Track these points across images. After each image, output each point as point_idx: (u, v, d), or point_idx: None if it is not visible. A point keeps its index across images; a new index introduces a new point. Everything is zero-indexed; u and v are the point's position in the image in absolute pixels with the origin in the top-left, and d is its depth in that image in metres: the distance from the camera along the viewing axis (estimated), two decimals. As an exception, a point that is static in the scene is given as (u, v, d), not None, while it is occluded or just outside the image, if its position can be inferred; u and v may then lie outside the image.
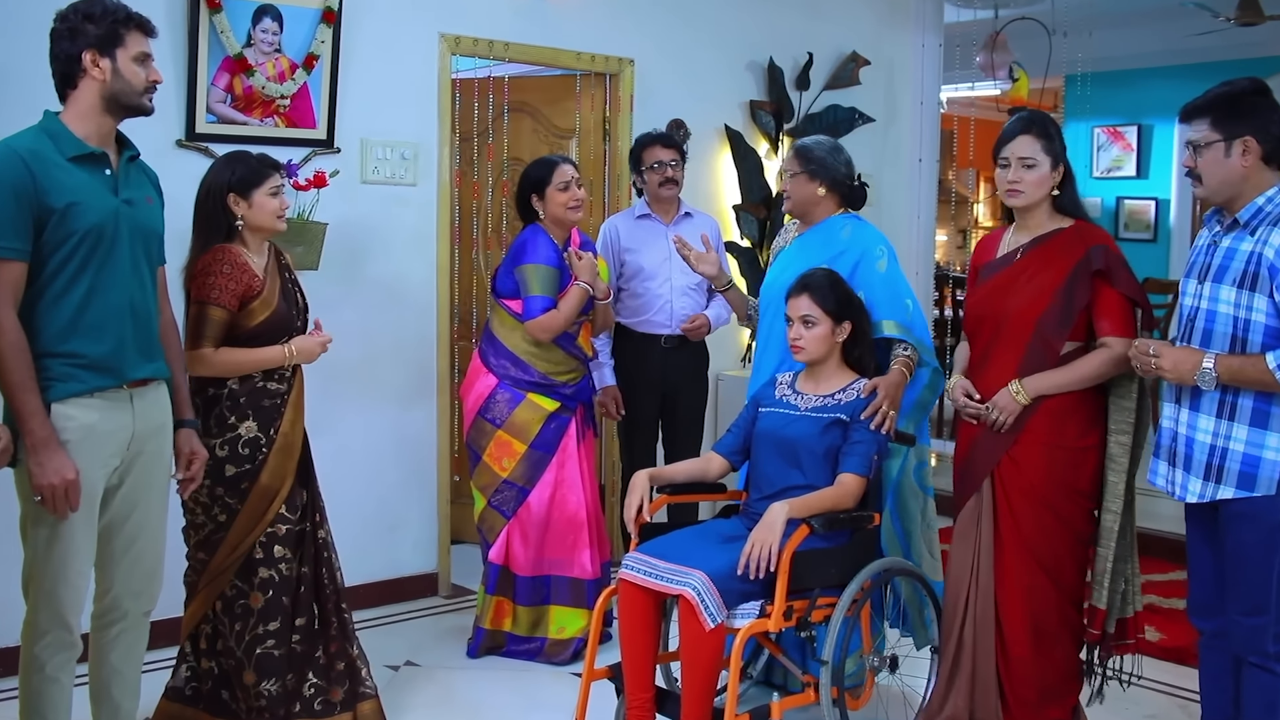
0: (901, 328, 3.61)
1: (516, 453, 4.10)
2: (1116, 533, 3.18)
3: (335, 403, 4.62)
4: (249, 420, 3.33)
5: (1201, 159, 2.86)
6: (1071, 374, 3.15)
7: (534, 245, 4.12)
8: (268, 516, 3.36)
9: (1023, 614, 3.22)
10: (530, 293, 4.07)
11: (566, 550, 4.15)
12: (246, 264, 3.33)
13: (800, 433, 3.39)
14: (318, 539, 3.52)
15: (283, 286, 3.43)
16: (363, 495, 4.75)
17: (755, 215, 5.80)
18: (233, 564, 3.34)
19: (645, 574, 3.16)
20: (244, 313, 3.31)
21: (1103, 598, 3.20)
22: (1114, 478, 3.18)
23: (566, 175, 4.12)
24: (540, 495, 4.12)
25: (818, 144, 3.78)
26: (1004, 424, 3.20)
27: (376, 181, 4.71)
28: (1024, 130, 3.20)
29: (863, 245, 3.69)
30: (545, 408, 4.11)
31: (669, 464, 4.71)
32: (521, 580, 4.16)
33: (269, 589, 3.36)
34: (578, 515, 4.14)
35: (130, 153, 3.00)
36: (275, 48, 4.38)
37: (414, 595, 4.92)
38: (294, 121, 4.47)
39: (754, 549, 3.06)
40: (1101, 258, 3.12)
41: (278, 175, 3.41)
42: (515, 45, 5.02)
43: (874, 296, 3.60)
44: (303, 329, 3.48)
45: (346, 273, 4.63)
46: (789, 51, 5.92)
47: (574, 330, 4.14)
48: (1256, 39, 8.04)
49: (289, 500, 3.40)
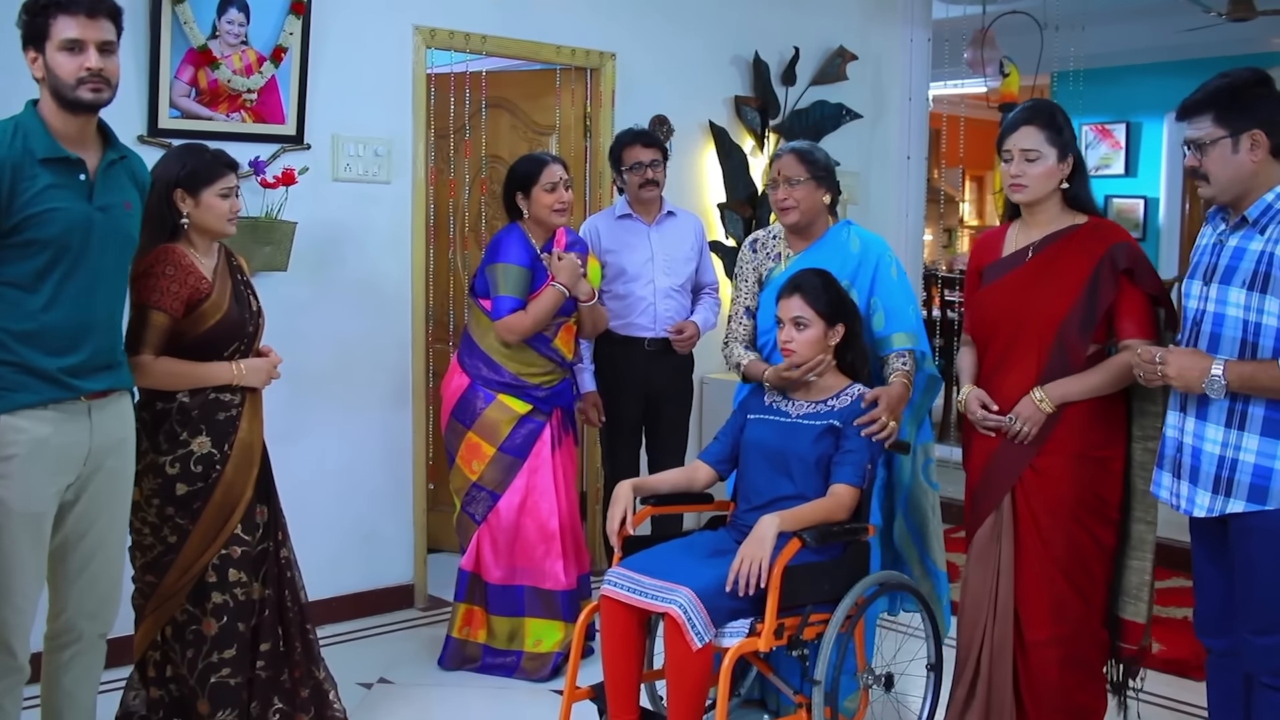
0: (912, 337, 3.47)
1: (485, 455, 3.95)
2: (1152, 542, 3.05)
3: (306, 409, 4.46)
4: (202, 435, 3.13)
5: (1207, 157, 2.70)
6: (1096, 379, 3.00)
7: (507, 244, 3.98)
8: (221, 537, 3.17)
9: (1051, 636, 3.06)
10: (498, 292, 3.93)
11: (538, 561, 3.99)
12: (192, 265, 3.12)
13: (791, 441, 3.24)
14: (280, 559, 3.34)
15: (234, 289, 3.23)
16: (336, 505, 4.59)
17: (740, 214, 5.66)
18: (183, 588, 3.15)
19: (629, 590, 3.01)
20: (192, 318, 3.10)
21: (1141, 611, 3.07)
22: (1143, 486, 3.04)
23: (555, 176, 3.97)
24: (510, 502, 3.97)
25: (815, 148, 3.61)
26: (1028, 435, 3.04)
27: (348, 179, 4.55)
28: (1027, 120, 3.05)
29: (875, 255, 3.54)
30: (516, 410, 3.96)
31: (653, 472, 4.60)
32: (493, 589, 4.00)
33: (223, 615, 3.17)
34: (549, 525, 3.98)
35: (113, 155, 2.83)
36: (241, 39, 4.21)
37: (390, 608, 4.76)
38: (262, 116, 4.30)
39: (743, 564, 2.91)
40: (1125, 256, 2.97)
41: (232, 175, 3.21)
42: (493, 38, 4.87)
43: (890, 306, 3.48)
44: (256, 335, 3.29)
45: (317, 274, 4.47)
46: (774, 46, 5.79)
47: (549, 332, 3.99)
48: (1246, 35, 7.95)
49: (245, 519, 3.22)
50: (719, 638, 2.93)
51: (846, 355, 3.36)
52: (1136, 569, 3.06)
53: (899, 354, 3.43)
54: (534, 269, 3.96)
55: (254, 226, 4.14)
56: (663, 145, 4.55)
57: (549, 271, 3.95)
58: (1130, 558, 3.08)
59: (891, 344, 3.45)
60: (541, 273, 3.97)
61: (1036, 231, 3.11)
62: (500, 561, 3.98)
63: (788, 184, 3.49)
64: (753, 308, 3.66)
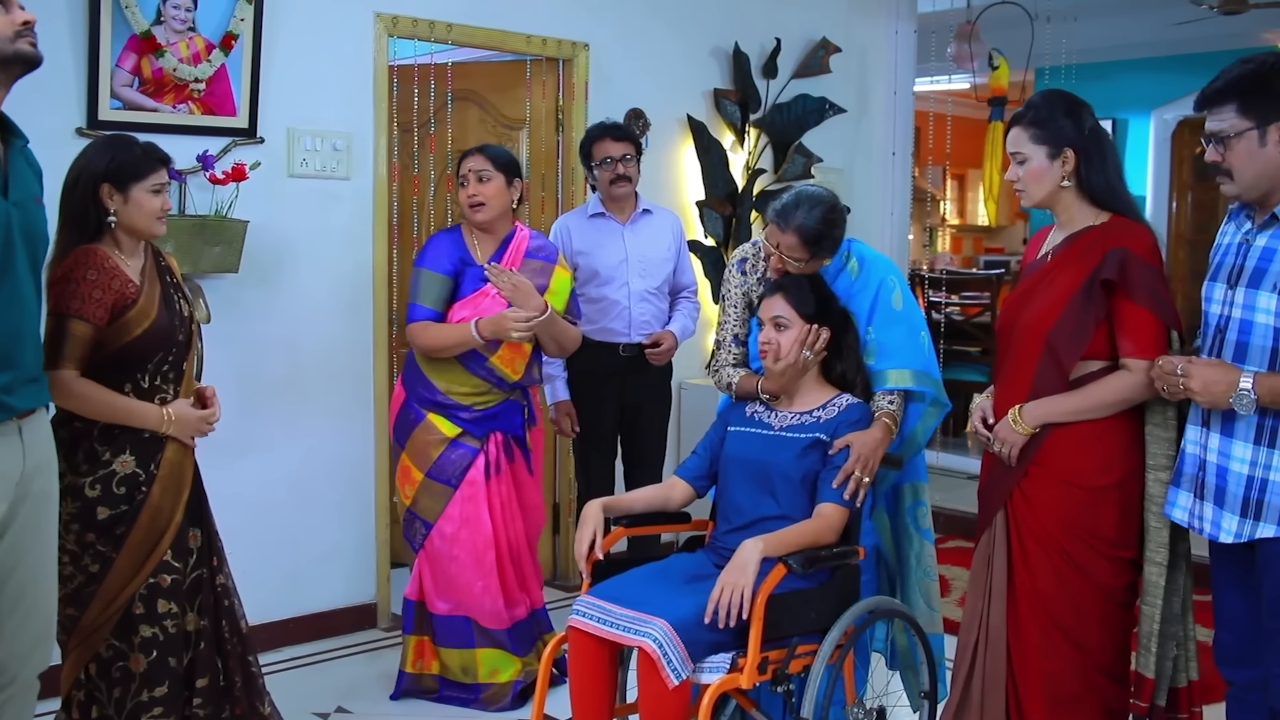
0: (919, 376, 3.13)
1: (414, 480, 3.68)
2: (1164, 588, 2.73)
3: (259, 419, 4.21)
4: (125, 453, 2.87)
5: (1230, 151, 2.47)
6: (1079, 400, 2.73)
7: (431, 246, 3.73)
8: (149, 565, 2.90)
9: (1037, 673, 2.80)
10: (411, 299, 3.68)
11: (476, 596, 3.70)
12: (117, 268, 2.85)
13: (774, 456, 3.01)
14: (215, 586, 3.07)
15: (163, 293, 2.95)
16: (291, 520, 4.33)
17: (720, 212, 5.44)
18: (108, 621, 2.88)
19: (599, 621, 2.76)
20: (117, 325, 2.82)
21: (1150, 664, 2.74)
22: (1156, 523, 2.73)
23: (464, 167, 3.71)
24: (442, 531, 3.68)
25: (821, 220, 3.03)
26: (1008, 457, 2.81)
27: (305, 175, 4.29)
28: (1015, 121, 2.81)
29: (877, 279, 3.18)
30: (443, 432, 3.66)
31: (630, 484, 4.38)
32: (439, 620, 3.73)
33: (152, 649, 2.91)
34: (485, 559, 3.68)
35: (20, 142, 2.54)
36: (188, 25, 3.95)
37: (350, 628, 4.51)
38: (211, 108, 4.04)
39: (723, 594, 2.67)
40: (1115, 264, 2.68)
41: (164, 170, 2.95)
42: (459, 27, 4.62)
43: (890, 340, 3.14)
44: (187, 344, 3.00)
45: (271, 276, 4.22)
46: (755, 37, 5.57)
47: (486, 350, 3.65)
48: (1236, 29, 7.80)
49: (176, 545, 2.95)
50: (697, 673, 2.68)
51: (837, 366, 3.12)
52: (1146, 615, 2.77)
53: (885, 392, 3.12)
54: (460, 277, 3.67)
55: (203, 225, 3.88)
56: (636, 139, 4.30)
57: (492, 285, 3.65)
58: (1143, 603, 2.79)
59: (885, 381, 3.12)
60: (471, 281, 3.67)
61: (1060, 233, 2.87)
62: (441, 593, 3.71)
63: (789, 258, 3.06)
64: (742, 335, 3.33)
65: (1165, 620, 2.76)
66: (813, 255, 3.08)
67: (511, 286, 3.62)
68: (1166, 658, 2.79)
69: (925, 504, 3.31)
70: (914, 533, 3.30)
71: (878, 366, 3.15)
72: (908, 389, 3.13)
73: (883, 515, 3.30)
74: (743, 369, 3.29)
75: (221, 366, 4.03)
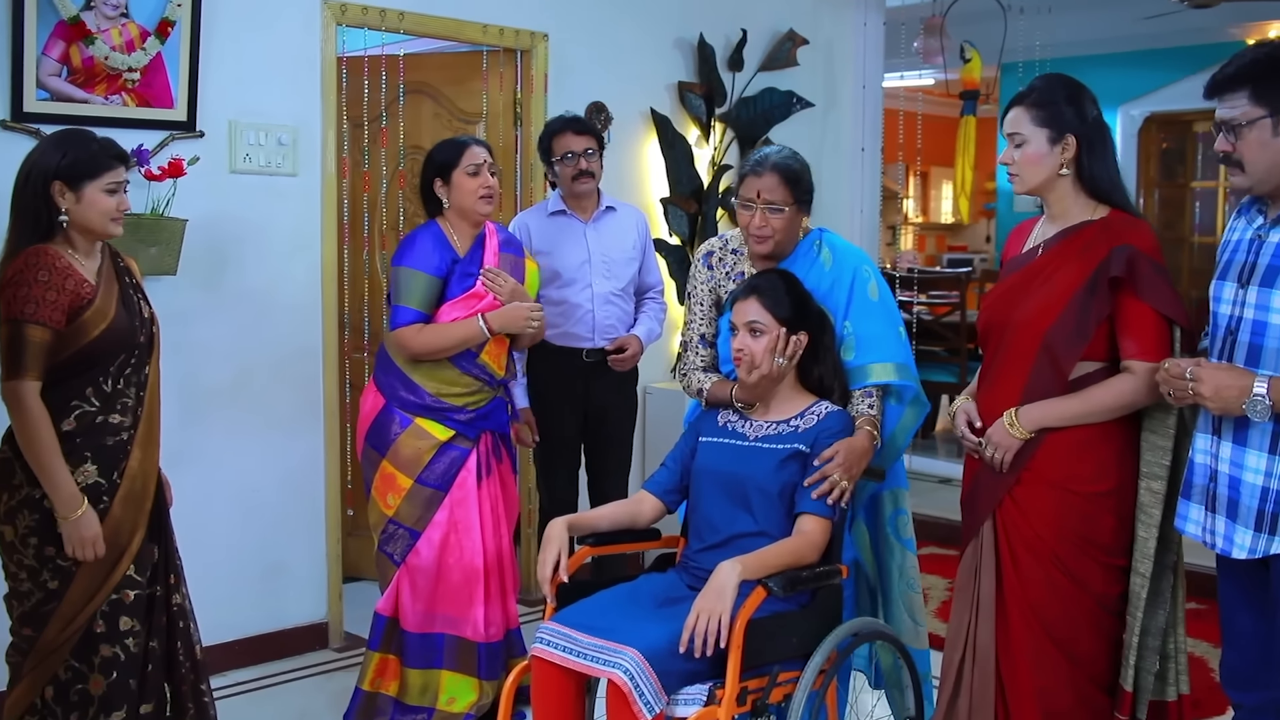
0: (894, 369, 2.98)
1: (402, 488, 3.44)
2: (1145, 599, 2.59)
3: (202, 429, 3.98)
4: (87, 463, 2.72)
5: (1242, 141, 2.30)
6: (1080, 404, 2.58)
7: (415, 245, 3.48)
8: (111, 581, 2.74)
9: (1029, 689, 2.64)
10: (397, 301, 3.43)
11: (460, 606, 3.49)
12: (70, 268, 2.69)
13: (749, 469, 2.82)
14: (171, 605, 2.89)
15: (122, 294, 2.80)
16: (237, 536, 4.10)
17: (685, 209, 5.25)
18: (68, 641, 2.72)
19: (564, 650, 2.56)
20: (75, 327, 2.67)
21: (1129, 677, 2.61)
22: (1144, 532, 2.58)
23: (478, 158, 3.48)
24: (430, 539, 3.46)
25: (797, 160, 3.03)
26: (1001, 462, 2.65)
27: (248, 171, 4.06)
28: (1017, 101, 2.66)
29: (851, 269, 3.03)
30: (436, 436, 3.45)
31: (594, 495, 4.17)
32: (410, 637, 3.49)
33: (112, 670, 2.74)
34: (474, 565, 3.47)
35: None
36: (121, 11, 3.72)
37: (301, 649, 4.28)
38: (146, 99, 3.80)
39: (699, 620, 2.48)
40: (1123, 261, 2.53)
41: (121, 168, 2.77)
42: (411, 15, 4.40)
43: (869, 332, 2.98)
44: (148, 345, 2.85)
45: (212, 278, 3.98)
46: (720, 28, 5.39)
47: (475, 346, 3.49)
48: (1203, 24, 7.75)
49: (139, 559, 2.79)
50: (672, 706, 2.49)
51: (814, 370, 2.94)
52: (1128, 627, 2.63)
53: (865, 392, 2.96)
54: (450, 276, 3.47)
55: (137, 225, 3.65)
56: (598, 133, 4.09)
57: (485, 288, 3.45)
58: (1128, 614, 2.65)
59: (867, 376, 2.96)
60: (460, 280, 3.48)
61: (1052, 227, 2.71)
62: (420, 607, 3.48)
63: (768, 210, 2.97)
64: (709, 335, 3.16)
65: (1145, 632, 2.63)
66: (794, 198, 2.98)
67: (511, 289, 3.45)
68: (1147, 671, 2.66)
69: (906, 512, 3.15)
70: (895, 543, 3.13)
71: (858, 361, 2.98)
72: (889, 384, 2.98)
73: (861, 526, 3.13)
74: (714, 374, 3.11)
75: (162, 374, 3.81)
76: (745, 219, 3.01)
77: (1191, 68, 8.61)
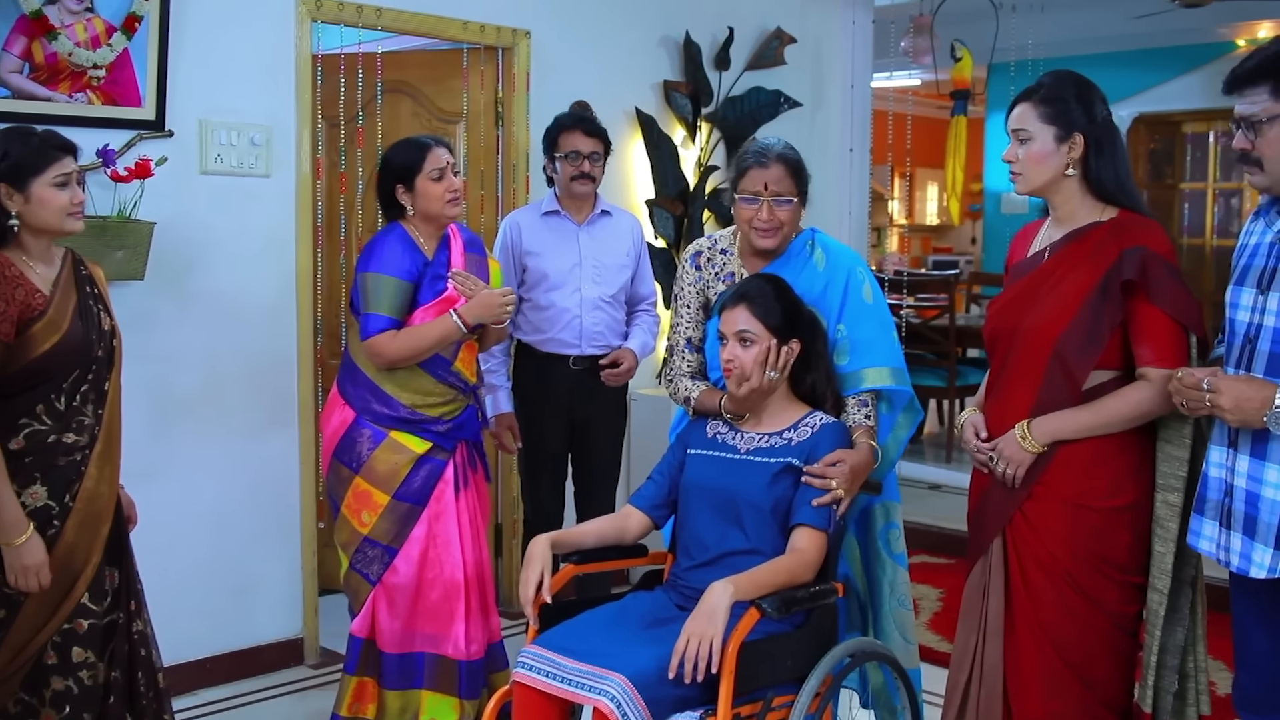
0: (898, 374, 2.88)
1: (378, 505, 3.31)
2: (1164, 617, 2.49)
3: (171, 440, 3.84)
4: (36, 484, 2.57)
5: (1262, 138, 2.19)
6: (1096, 415, 2.47)
7: (382, 249, 3.34)
8: (64, 610, 2.60)
9: (1040, 713, 2.53)
10: (368, 309, 3.29)
11: (440, 623, 3.35)
12: (21, 277, 2.56)
13: (740, 483, 2.70)
14: (132, 633, 2.75)
15: (80, 305, 2.65)
16: (207, 551, 3.96)
17: (671, 212, 5.13)
18: (16, 673, 2.59)
19: (548, 676, 2.44)
20: (22, 341, 2.53)
21: (1147, 698, 2.50)
22: (1161, 547, 2.48)
23: (441, 161, 3.35)
24: (409, 555, 3.32)
25: (796, 150, 2.95)
26: (1013, 477, 2.54)
27: (219, 172, 3.92)
28: (1024, 97, 2.55)
29: (845, 271, 2.93)
30: (413, 450, 3.31)
31: (580, 508, 4.04)
32: (389, 659, 3.35)
33: (65, 704, 2.60)
34: (454, 580, 3.34)
35: None
36: (86, 5, 3.58)
37: (275, 667, 4.13)
38: (112, 98, 3.66)
39: (689, 644, 2.35)
40: (1136, 264, 2.43)
41: (68, 159, 2.63)
42: (389, 11, 4.27)
43: (864, 335, 2.89)
44: (108, 360, 2.69)
45: (181, 283, 3.85)
46: (707, 26, 5.27)
47: (447, 353, 3.36)
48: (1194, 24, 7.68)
49: (94, 586, 2.64)
50: (661, 735, 2.37)
51: (806, 378, 2.82)
52: (1146, 646, 2.53)
53: (860, 400, 2.86)
54: (420, 280, 3.34)
55: (103, 228, 3.51)
56: (607, 138, 3.95)
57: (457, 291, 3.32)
58: (1146, 633, 2.54)
59: (862, 381, 2.86)
60: (431, 284, 3.35)
61: (1058, 229, 2.60)
62: (398, 626, 3.34)
63: (776, 202, 2.86)
64: (695, 339, 3.05)
65: (1165, 650, 2.52)
66: (799, 189, 2.90)
67: (485, 292, 3.31)
68: (1166, 691, 2.54)
69: (898, 526, 3.04)
70: (886, 558, 3.02)
71: (852, 366, 2.88)
72: (887, 389, 2.88)
73: (851, 540, 3.02)
74: (702, 382, 2.99)
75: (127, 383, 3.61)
76: (749, 213, 2.89)
77: (1180, 68, 8.55)
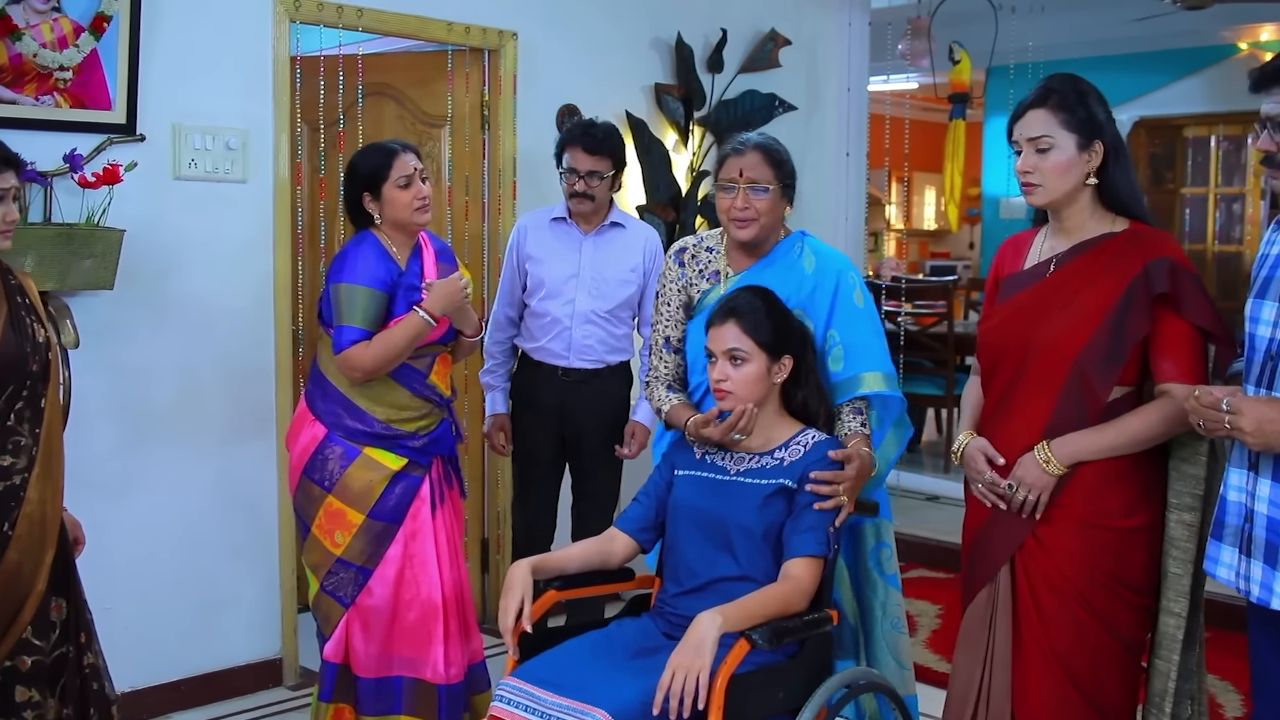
0: (890, 380, 2.80)
1: (352, 525, 3.18)
2: (1182, 641, 2.39)
3: (143, 454, 3.71)
4: None
5: None
6: (1120, 434, 2.37)
7: (356, 258, 3.21)
8: (4, 645, 2.45)
9: None
10: (341, 321, 3.15)
11: (418, 646, 3.23)
12: None
13: (731, 507, 2.57)
14: (83, 667, 2.61)
15: (11, 316, 2.51)
16: (182, 567, 3.83)
17: (663, 218, 5.01)
18: None
19: (527, 711, 2.31)
20: None
21: None
22: (1176, 569, 2.38)
23: (408, 168, 3.22)
24: (384, 576, 3.19)
25: (779, 143, 2.87)
26: (1036, 504, 2.42)
27: (194, 177, 3.79)
28: (1038, 103, 2.42)
29: (834, 275, 2.84)
30: (388, 466, 3.18)
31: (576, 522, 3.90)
32: (365, 683, 3.22)
33: None
34: (431, 600, 3.21)
35: None
36: (52, 5, 3.45)
37: (252, 688, 4.00)
38: (81, 100, 3.53)
39: (675, 678, 2.22)
40: (1165, 276, 2.33)
41: (10, 173, 2.50)
42: (371, 11, 4.14)
43: (857, 340, 2.79)
44: (42, 374, 2.54)
45: (153, 292, 3.71)
46: (699, 27, 5.14)
47: (422, 366, 3.23)
48: (1193, 27, 7.60)
49: (38, 620, 2.49)
50: (645, 773, 2.24)
51: (797, 394, 2.70)
52: (1160, 671, 2.43)
53: (854, 407, 2.76)
54: (395, 290, 3.22)
55: (70, 235, 3.38)
56: (615, 155, 3.76)
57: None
58: (1155, 656, 2.45)
59: (858, 386, 2.76)
60: (406, 294, 3.22)
61: (1063, 240, 2.48)
62: (374, 650, 3.21)
63: (752, 190, 2.78)
64: (675, 339, 2.96)
65: (1182, 676, 2.42)
66: (777, 179, 2.79)
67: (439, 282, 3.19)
68: (1178, 717, 2.45)
69: (890, 545, 2.94)
70: (878, 579, 2.91)
71: (848, 371, 2.77)
72: (880, 395, 2.78)
73: (840, 561, 2.89)
74: (679, 394, 2.90)
75: (96, 396, 3.56)
76: (726, 203, 2.80)
77: (1182, 71, 8.45)
